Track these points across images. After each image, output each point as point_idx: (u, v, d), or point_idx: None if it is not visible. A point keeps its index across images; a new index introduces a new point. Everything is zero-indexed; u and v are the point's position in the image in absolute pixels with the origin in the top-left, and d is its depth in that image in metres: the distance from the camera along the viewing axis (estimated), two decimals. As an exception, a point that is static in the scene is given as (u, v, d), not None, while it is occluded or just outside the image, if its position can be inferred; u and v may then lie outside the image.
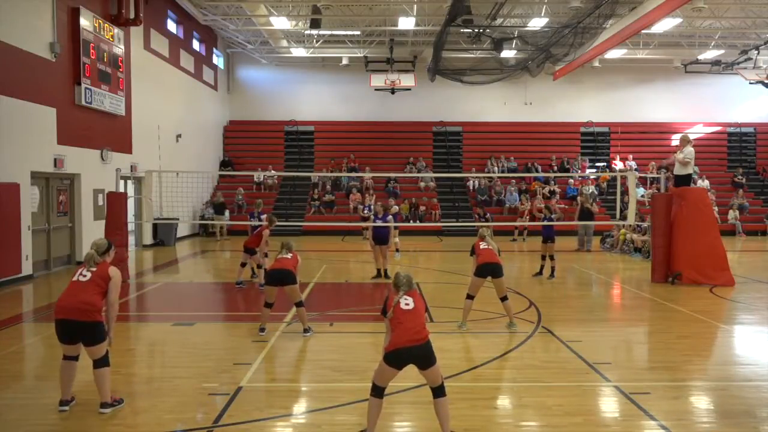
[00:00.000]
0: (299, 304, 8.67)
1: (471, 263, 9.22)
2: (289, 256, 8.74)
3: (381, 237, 13.68)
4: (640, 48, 27.42)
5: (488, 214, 25.70)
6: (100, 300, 5.73)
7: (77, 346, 5.77)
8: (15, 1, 13.47)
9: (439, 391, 5.06)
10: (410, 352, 4.96)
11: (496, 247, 9.11)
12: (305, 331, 8.61)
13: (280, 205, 26.52)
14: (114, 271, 5.87)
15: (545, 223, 14.35)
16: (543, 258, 14.21)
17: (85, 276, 5.80)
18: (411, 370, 5.05)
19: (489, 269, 8.85)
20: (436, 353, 5.07)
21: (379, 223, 13.80)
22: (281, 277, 8.53)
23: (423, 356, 4.99)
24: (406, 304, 5.17)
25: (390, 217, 14.35)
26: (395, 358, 4.97)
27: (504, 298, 9.01)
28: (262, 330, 8.61)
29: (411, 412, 5.79)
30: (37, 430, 5.41)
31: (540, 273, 14.19)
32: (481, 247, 9.04)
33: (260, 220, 14.03)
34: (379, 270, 13.80)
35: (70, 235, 15.93)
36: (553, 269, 13.98)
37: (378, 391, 5.06)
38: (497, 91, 29.41)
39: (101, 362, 5.72)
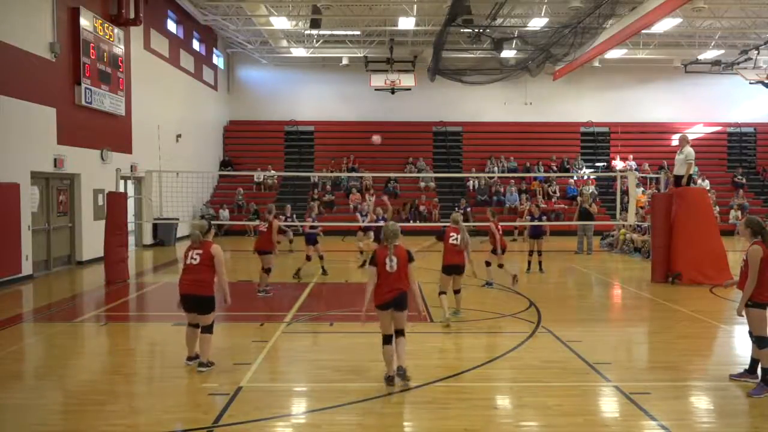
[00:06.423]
0: (266, 270, 11.39)
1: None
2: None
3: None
4: (640, 48, 27.39)
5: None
6: (211, 276, 6.92)
7: (196, 315, 6.98)
8: (15, 0, 13.47)
9: (399, 333, 6.39)
10: (391, 302, 6.33)
11: (466, 239, 9.32)
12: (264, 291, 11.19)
13: (280, 206, 26.45)
14: (216, 249, 6.94)
15: (534, 222, 15.26)
16: (530, 254, 14.99)
17: (195, 259, 6.92)
18: (412, 370, 5.05)
19: (453, 269, 9.40)
20: (435, 353, 5.13)
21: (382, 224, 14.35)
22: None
23: (399, 303, 6.35)
24: (391, 267, 6.30)
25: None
26: (381, 308, 6.39)
27: (457, 291, 9.62)
28: (260, 291, 11.36)
29: (411, 412, 5.79)
30: (37, 430, 5.41)
31: (530, 269, 14.91)
32: (450, 242, 9.35)
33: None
34: None
35: (70, 235, 15.93)
36: (540, 263, 14.86)
37: (386, 339, 6.38)
38: (497, 91, 29.38)
39: (208, 329, 6.95)
